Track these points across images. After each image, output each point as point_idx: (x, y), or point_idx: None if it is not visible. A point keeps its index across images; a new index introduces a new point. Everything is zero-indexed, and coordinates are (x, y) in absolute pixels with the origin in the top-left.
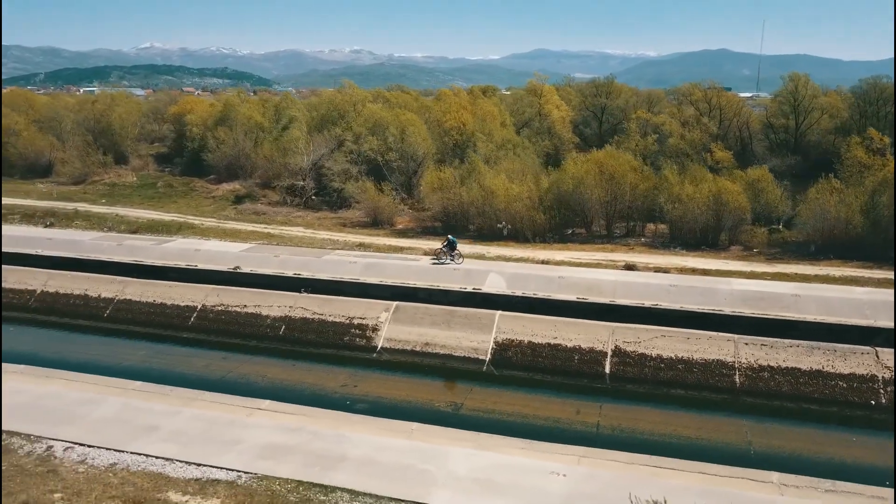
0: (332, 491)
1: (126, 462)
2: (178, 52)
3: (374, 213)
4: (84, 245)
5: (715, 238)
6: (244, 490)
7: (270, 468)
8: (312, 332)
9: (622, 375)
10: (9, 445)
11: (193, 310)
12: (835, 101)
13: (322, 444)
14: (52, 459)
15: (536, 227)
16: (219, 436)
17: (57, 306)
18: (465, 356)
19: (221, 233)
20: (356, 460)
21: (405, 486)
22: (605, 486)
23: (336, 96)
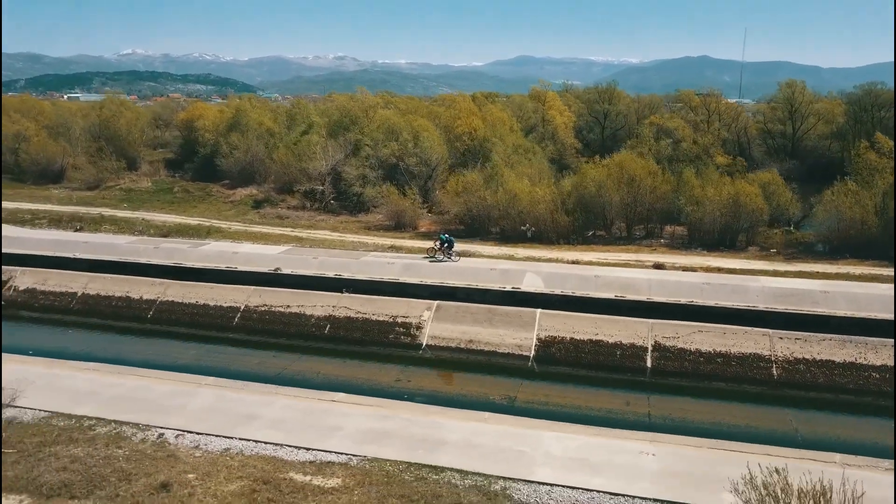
0: (442, 470)
1: (238, 447)
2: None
3: (396, 216)
4: (121, 248)
5: (733, 239)
6: (359, 470)
7: (376, 451)
8: (357, 331)
9: (663, 369)
10: (121, 433)
11: (237, 310)
12: (830, 106)
13: (419, 430)
14: (167, 445)
15: (560, 229)
16: (317, 423)
17: (99, 308)
18: (509, 353)
19: (251, 236)
20: (455, 444)
21: (508, 465)
22: (693, 464)
23: (349, 102)
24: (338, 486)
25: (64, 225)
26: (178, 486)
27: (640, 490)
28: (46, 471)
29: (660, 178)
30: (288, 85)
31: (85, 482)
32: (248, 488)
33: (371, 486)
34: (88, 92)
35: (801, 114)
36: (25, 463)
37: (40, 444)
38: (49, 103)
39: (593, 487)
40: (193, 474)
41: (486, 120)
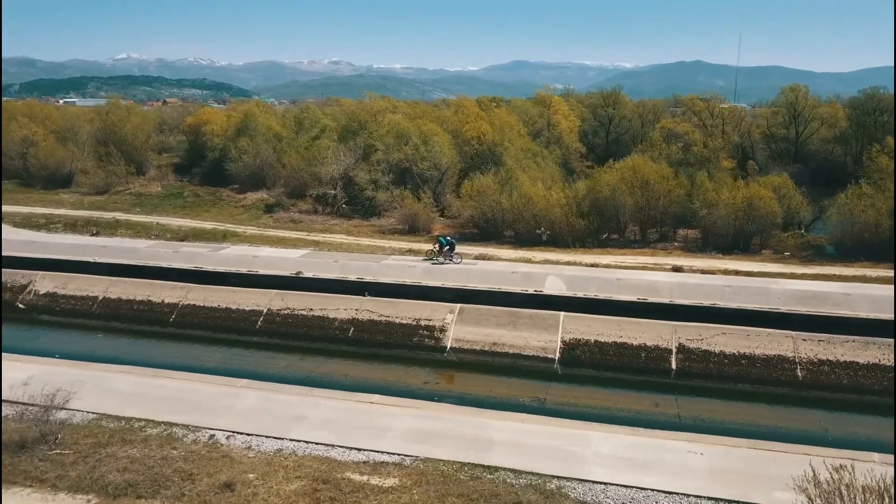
0: (496, 470)
1: (290, 448)
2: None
3: (410, 220)
4: (141, 252)
5: (747, 242)
6: (414, 470)
7: (428, 451)
8: (381, 334)
9: (688, 371)
10: (173, 434)
11: (259, 314)
12: (832, 111)
13: (466, 430)
14: (219, 446)
15: (576, 232)
16: (365, 424)
17: (121, 312)
18: (534, 355)
19: (267, 240)
20: (503, 443)
21: (559, 464)
22: (740, 463)
23: (357, 107)
24: (396, 486)
25: (79, 229)
26: (241, 486)
27: (694, 488)
28: (108, 471)
29: (674, 182)
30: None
31: (149, 482)
32: (308, 488)
33: (428, 486)
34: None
35: (804, 118)
36: (84, 463)
37: (95, 445)
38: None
39: (647, 486)
40: (253, 474)
41: (493, 124)
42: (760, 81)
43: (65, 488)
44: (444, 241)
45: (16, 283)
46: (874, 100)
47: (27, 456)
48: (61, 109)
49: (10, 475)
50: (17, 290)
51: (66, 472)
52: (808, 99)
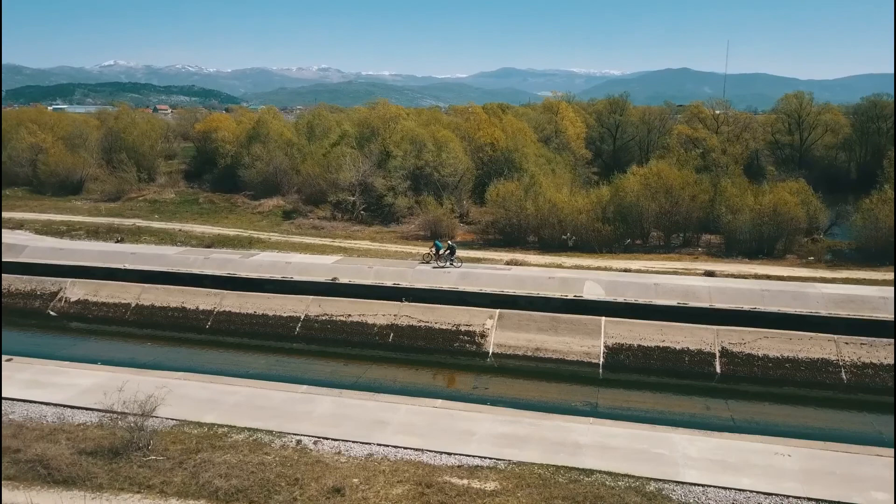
0: (592, 473)
1: (381, 452)
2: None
3: (433, 226)
4: (170, 259)
5: (771, 247)
6: (510, 474)
7: (518, 455)
8: (421, 339)
9: (733, 375)
10: (259, 440)
11: (297, 320)
12: (836, 118)
13: (549, 434)
14: (309, 451)
15: (602, 238)
16: (448, 428)
17: (155, 319)
18: (578, 360)
19: (293, 247)
20: (590, 446)
21: (651, 466)
22: (829, 464)
23: (370, 113)
24: (498, 489)
25: (102, 236)
26: (350, 491)
27: (791, 489)
28: (212, 476)
29: (698, 188)
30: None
31: (257, 487)
32: (414, 492)
33: (531, 489)
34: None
35: (808, 124)
36: (183, 469)
37: (185, 451)
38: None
39: (744, 487)
40: (356, 479)
41: (505, 130)
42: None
43: (173, 494)
44: (439, 245)
45: (45, 291)
46: (877, 107)
47: (125, 462)
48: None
49: (115, 481)
50: (47, 298)
51: (169, 478)
52: (812, 106)
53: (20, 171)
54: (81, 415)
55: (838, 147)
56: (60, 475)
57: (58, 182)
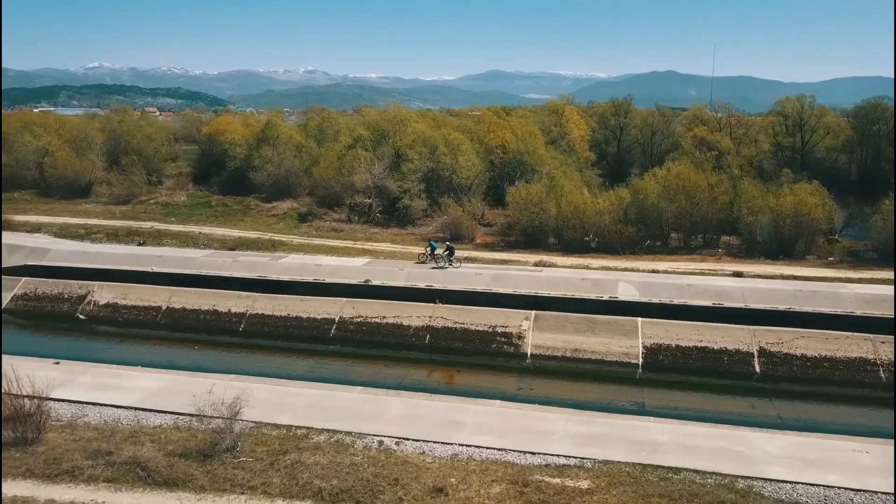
0: (679, 471)
1: (465, 452)
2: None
3: (453, 228)
4: (198, 262)
5: (791, 248)
6: (599, 472)
7: (600, 454)
8: (458, 341)
9: (771, 374)
10: (340, 441)
11: (332, 322)
12: (837, 120)
13: (625, 433)
14: (393, 452)
15: (625, 239)
16: (524, 428)
17: (186, 322)
18: (617, 360)
19: (318, 249)
20: (671, 445)
21: (735, 464)
22: None
23: (381, 115)
24: (592, 488)
25: (122, 239)
26: (452, 490)
27: (877, 485)
28: (311, 477)
29: (718, 189)
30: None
31: (360, 487)
32: (513, 490)
33: (624, 487)
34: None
35: (810, 127)
36: (277, 470)
37: (272, 453)
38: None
39: (832, 484)
40: (453, 479)
41: (515, 133)
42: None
43: (278, 495)
44: (434, 245)
45: (73, 294)
46: (877, 109)
47: (218, 464)
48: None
49: (215, 482)
50: (75, 301)
51: (268, 479)
52: (814, 108)
53: (27, 174)
54: (155, 417)
55: (839, 149)
56: (160, 477)
57: (66, 185)
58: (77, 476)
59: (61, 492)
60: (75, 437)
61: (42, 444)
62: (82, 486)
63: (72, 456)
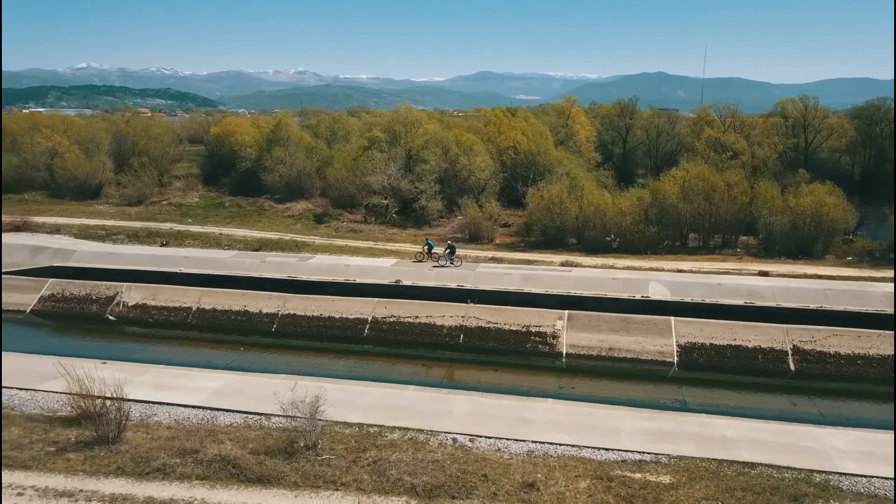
0: (755, 465)
1: (540, 449)
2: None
3: (472, 228)
4: (226, 263)
5: (810, 248)
6: (677, 467)
7: (673, 449)
8: (492, 340)
9: (806, 372)
10: (415, 438)
11: (365, 322)
12: (840, 121)
13: (694, 429)
14: (469, 449)
15: (645, 239)
16: (593, 424)
17: (218, 322)
18: (652, 359)
19: (342, 249)
20: (741, 440)
21: (807, 458)
22: None
23: (393, 117)
24: (675, 482)
25: (144, 240)
26: (542, 485)
27: None
28: (400, 474)
29: (738, 189)
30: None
31: (452, 483)
32: (599, 486)
33: (705, 481)
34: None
35: (813, 128)
36: (361, 468)
37: (351, 450)
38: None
39: None
40: (539, 474)
41: (525, 133)
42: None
43: (372, 491)
44: (431, 244)
45: (101, 295)
46: (880, 111)
47: (304, 461)
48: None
49: (307, 479)
50: (103, 302)
51: (358, 476)
52: (818, 109)
53: (37, 175)
54: (225, 416)
55: (841, 150)
56: (252, 474)
57: (75, 186)
58: (169, 474)
59: (157, 489)
60: (153, 436)
61: (123, 442)
62: (176, 484)
63: (158, 454)
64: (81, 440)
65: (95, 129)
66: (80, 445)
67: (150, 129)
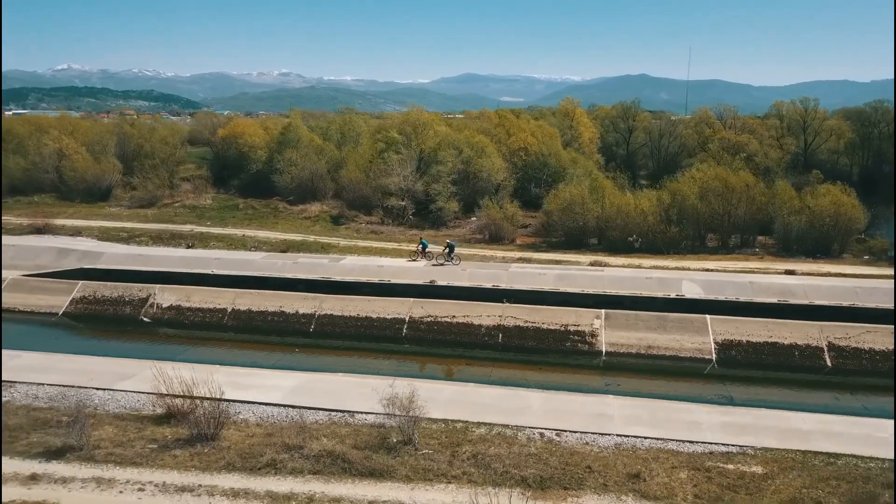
0: (839, 456)
1: (627, 442)
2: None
3: (494, 229)
4: (258, 264)
5: (828, 247)
6: (765, 458)
7: (756, 441)
8: (531, 339)
9: (843, 368)
10: (502, 433)
11: (403, 322)
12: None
13: (771, 422)
14: (558, 443)
15: (667, 239)
16: (672, 419)
17: (254, 323)
18: (690, 356)
19: (369, 251)
20: (817, 432)
21: (887, 449)
22: None
23: (404, 119)
24: (767, 473)
25: (167, 242)
26: (647, 476)
27: None
28: (506, 467)
29: (756, 190)
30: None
31: (561, 474)
32: (699, 476)
33: (796, 472)
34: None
35: (813, 129)
36: (462, 461)
37: (444, 445)
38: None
39: None
40: (640, 467)
41: (535, 135)
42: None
43: (484, 483)
44: (425, 244)
45: (134, 297)
46: (879, 112)
47: (407, 456)
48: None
49: (416, 473)
50: (136, 304)
51: (466, 469)
52: (818, 112)
53: (45, 177)
54: (309, 414)
55: (840, 151)
56: (364, 468)
57: (85, 188)
58: (280, 469)
59: (273, 484)
60: (247, 433)
61: (221, 440)
62: (291, 479)
63: (262, 450)
64: (179, 437)
65: (101, 131)
66: (181, 443)
67: (156, 130)
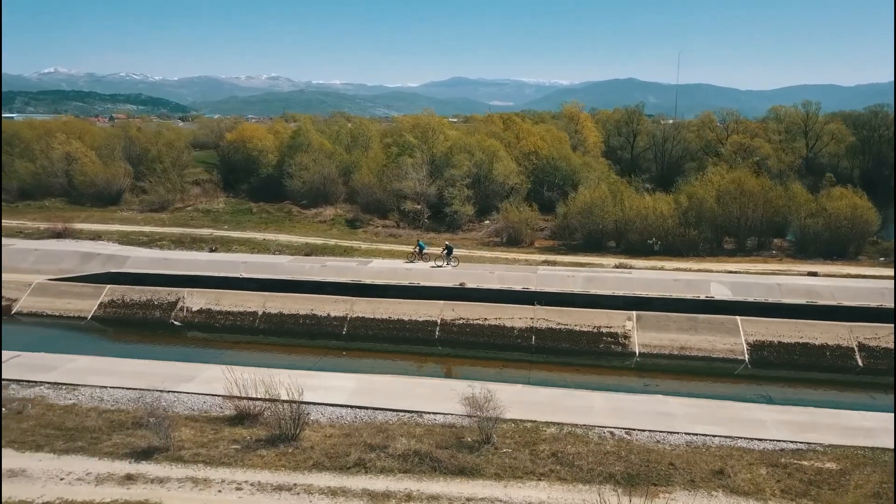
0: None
1: (697, 440)
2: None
3: (512, 232)
4: (286, 267)
5: (844, 249)
6: (836, 455)
7: (822, 438)
8: (564, 341)
9: (874, 368)
10: (573, 432)
11: (435, 324)
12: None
13: (829, 419)
14: (631, 441)
15: (686, 242)
16: (733, 417)
17: (286, 326)
18: (722, 357)
19: (392, 254)
20: (877, 430)
21: None
22: None
23: (415, 122)
24: (842, 469)
25: (189, 245)
26: (731, 472)
27: None
28: (591, 464)
29: (773, 193)
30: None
31: (646, 471)
32: (778, 472)
33: (868, 467)
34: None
35: (814, 133)
36: (545, 460)
37: (519, 444)
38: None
39: None
40: (718, 463)
41: (544, 139)
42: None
43: (574, 480)
44: (422, 245)
45: (163, 301)
46: (879, 116)
47: (490, 454)
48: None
49: (504, 471)
50: (166, 308)
51: (551, 467)
52: (819, 116)
53: (55, 182)
54: (378, 414)
55: (841, 154)
56: (452, 466)
57: (95, 192)
58: (370, 468)
59: (367, 482)
60: (324, 434)
61: (303, 440)
62: (383, 477)
63: (347, 450)
64: (259, 438)
65: (108, 135)
66: (263, 443)
67: (162, 135)
